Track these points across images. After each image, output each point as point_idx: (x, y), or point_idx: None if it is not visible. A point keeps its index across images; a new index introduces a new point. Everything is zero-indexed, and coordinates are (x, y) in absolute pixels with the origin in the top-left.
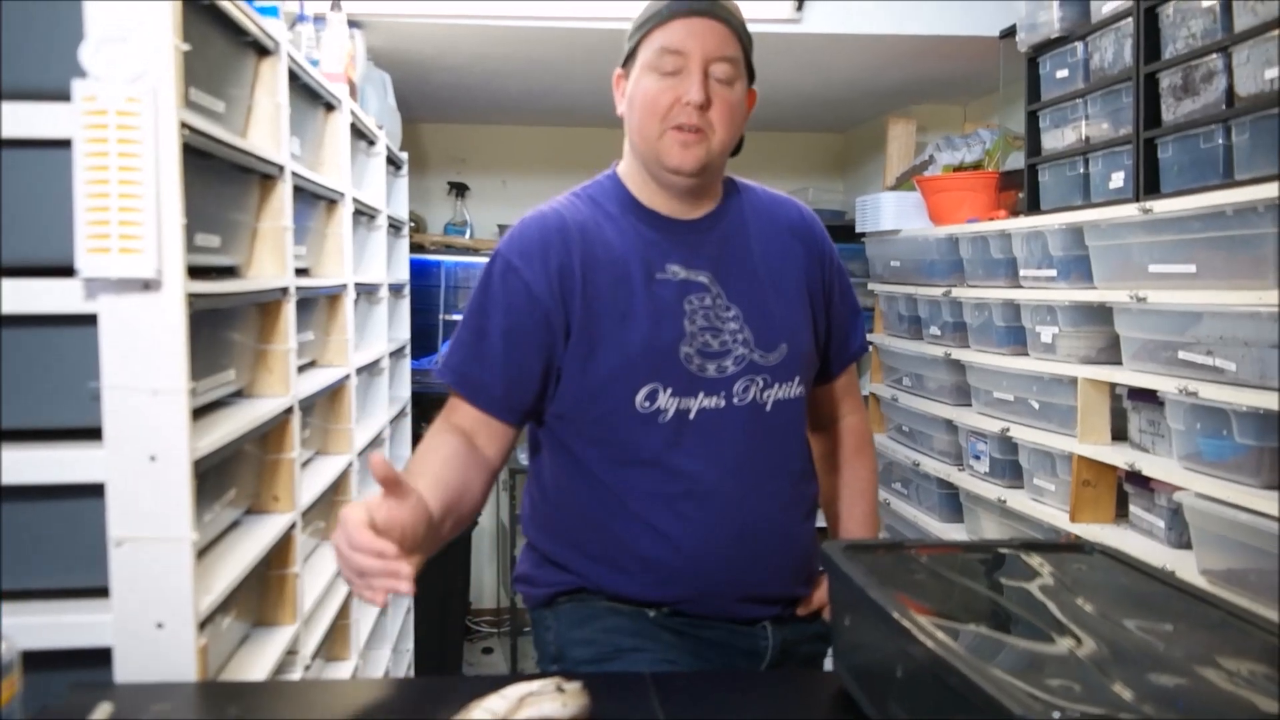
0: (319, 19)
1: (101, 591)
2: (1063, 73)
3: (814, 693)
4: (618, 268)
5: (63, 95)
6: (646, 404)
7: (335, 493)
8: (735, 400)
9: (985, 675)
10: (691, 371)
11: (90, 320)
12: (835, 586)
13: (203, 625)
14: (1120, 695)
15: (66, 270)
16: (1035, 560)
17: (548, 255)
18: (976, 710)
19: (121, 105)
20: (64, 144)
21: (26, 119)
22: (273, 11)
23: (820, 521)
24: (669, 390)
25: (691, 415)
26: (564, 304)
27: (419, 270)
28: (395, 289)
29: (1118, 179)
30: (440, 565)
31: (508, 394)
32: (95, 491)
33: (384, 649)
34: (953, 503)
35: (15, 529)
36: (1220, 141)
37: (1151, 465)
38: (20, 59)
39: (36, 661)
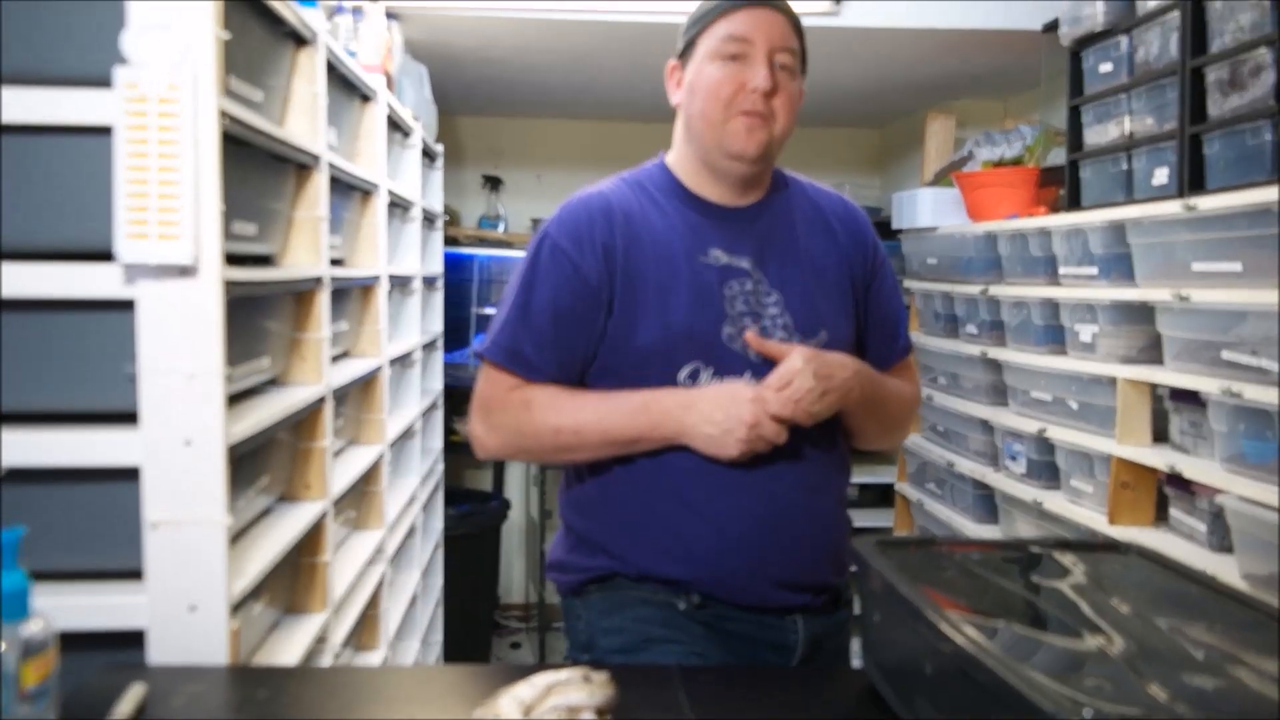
0: (357, 10)
1: (136, 574)
2: (1106, 67)
3: (841, 689)
4: (660, 248)
5: (104, 82)
6: (688, 382)
7: (366, 483)
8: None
9: (1017, 673)
10: (735, 351)
11: (128, 305)
12: (865, 582)
13: (235, 609)
14: (1154, 695)
15: (106, 255)
16: (1069, 559)
17: (593, 234)
18: (1008, 708)
19: (162, 92)
20: (105, 131)
21: (69, 105)
22: (311, 2)
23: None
24: (711, 370)
25: None
26: (609, 281)
27: (453, 264)
28: (429, 282)
29: (1161, 175)
30: (469, 559)
31: (558, 370)
32: (131, 475)
33: (413, 640)
34: (988, 504)
35: (52, 511)
36: (1268, 137)
37: (1192, 467)
38: (63, 46)
39: (72, 642)
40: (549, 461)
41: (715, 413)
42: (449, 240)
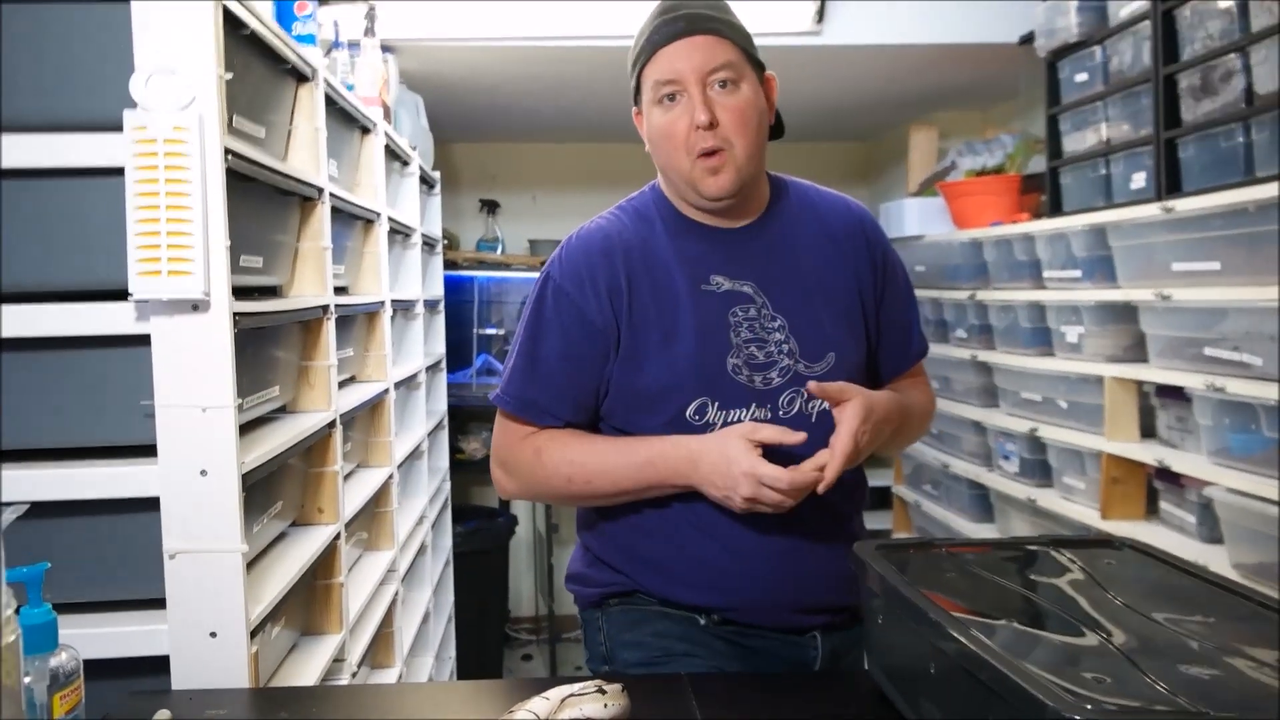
0: (354, 45)
1: (158, 602)
2: (1082, 76)
3: (849, 692)
4: (662, 282)
5: (114, 126)
6: (696, 418)
7: (376, 504)
8: (781, 413)
9: (1018, 669)
10: (740, 383)
11: (143, 340)
12: (867, 586)
13: (253, 634)
14: (1153, 687)
15: (120, 294)
16: (1065, 556)
17: (595, 276)
18: (1009, 705)
19: (169, 134)
20: (116, 172)
21: (81, 149)
22: (310, 39)
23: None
24: (717, 404)
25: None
26: (614, 322)
27: (453, 286)
28: (430, 305)
29: (1139, 179)
30: (479, 575)
31: (572, 412)
32: (150, 505)
33: (427, 656)
34: (983, 503)
35: (77, 544)
36: (1240, 140)
37: (1180, 461)
38: (74, 92)
39: (98, 670)
40: (568, 505)
41: (714, 477)
42: (448, 263)
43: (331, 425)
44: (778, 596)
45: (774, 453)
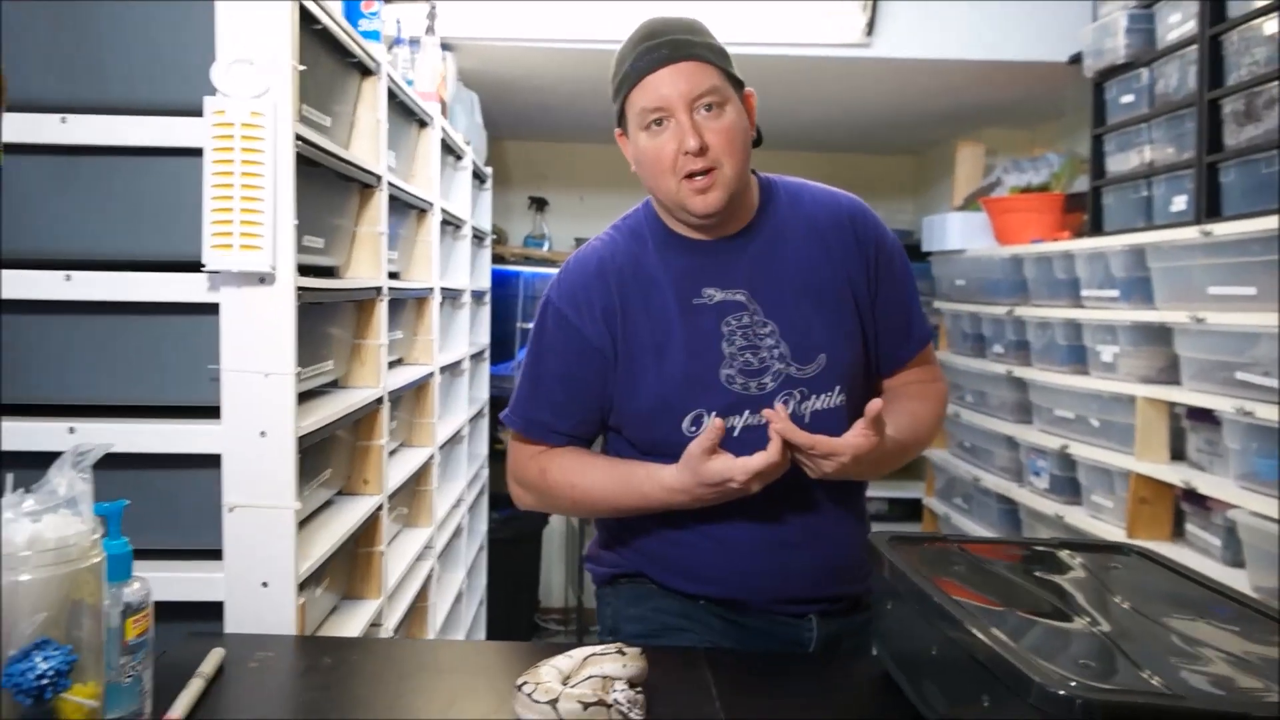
0: (414, 42)
1: (215, 553)
2: (1128, 98)
3: (857, 674)
4: (655, 300)
5: (195, 111)
6: (693, 429)
7: (417, 482)
8: None
9: (1010, 649)
10: (735, 391)
11: (212, 309)
12: (878, 574)
13: (301, 587)
14: (1142, 677)
15: (189, 265)
16: (1073, 557)
17: (591, 299)
18: (1001, 683)
19: (246, 118)
20: (194, 153)
21: (166, 131)
22: (375, 36)
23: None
24: (713, 414)
25: (735, 433)
26: (611, 342)
27: (499, 280)
28: (477, 296)
29: (1180, 202)
30: (511, 562)
31: (574, 429)
32: (212, 462)
33: (458, 635)
34: (1012, 518)
35: (144, 494)
36: None
37: (1208, 484)
38: (159, 79)
39: (159, 612)
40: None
41: (707, 495)
42: (496, 258)
43: (379, 401)
44: (765, 589)
45: (751, 453)
